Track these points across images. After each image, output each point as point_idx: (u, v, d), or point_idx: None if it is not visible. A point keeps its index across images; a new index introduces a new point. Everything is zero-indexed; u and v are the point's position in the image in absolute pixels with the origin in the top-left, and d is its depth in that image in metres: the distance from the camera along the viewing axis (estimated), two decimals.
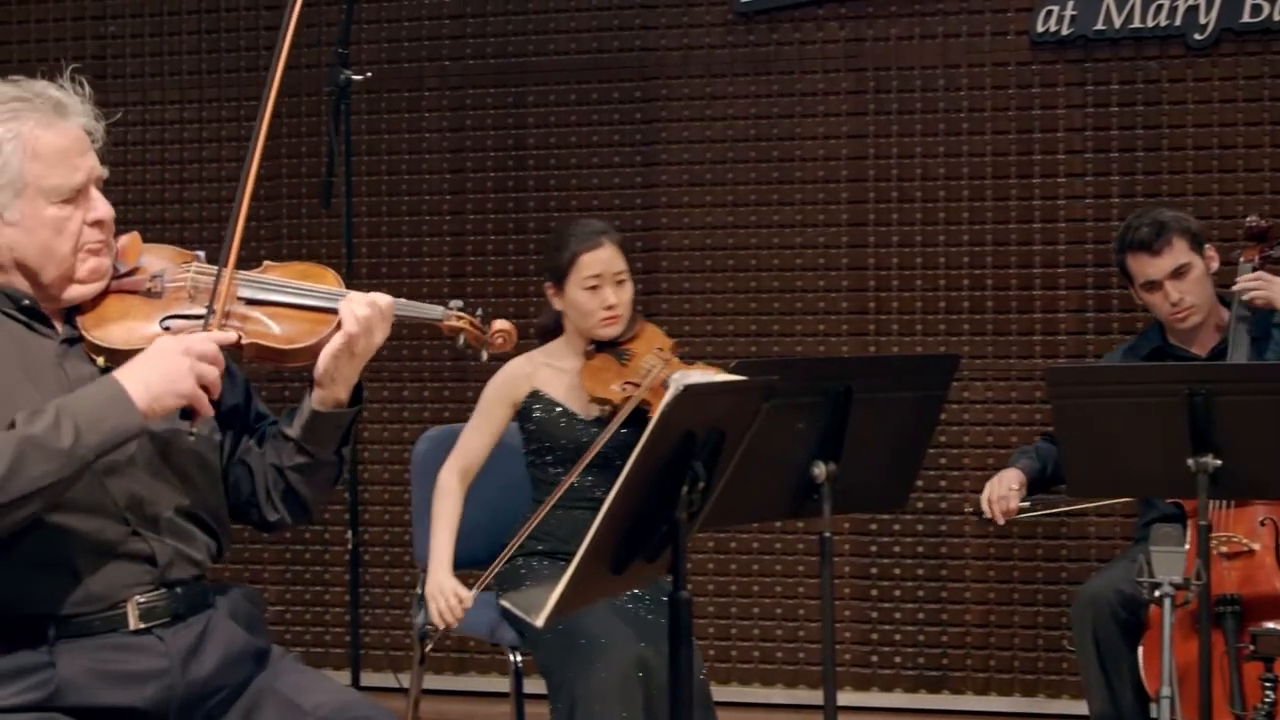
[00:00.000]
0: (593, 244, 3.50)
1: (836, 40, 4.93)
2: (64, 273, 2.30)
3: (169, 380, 2.17)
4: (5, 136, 2.26)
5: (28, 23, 5.53)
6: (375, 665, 5.04)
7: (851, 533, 4.87)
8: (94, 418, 2.13)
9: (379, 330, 2.35)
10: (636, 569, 2.39)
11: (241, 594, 2.45)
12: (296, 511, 2.49)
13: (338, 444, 2.44)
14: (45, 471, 2.10)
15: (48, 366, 2.29)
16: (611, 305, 3.49)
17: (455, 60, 5.21)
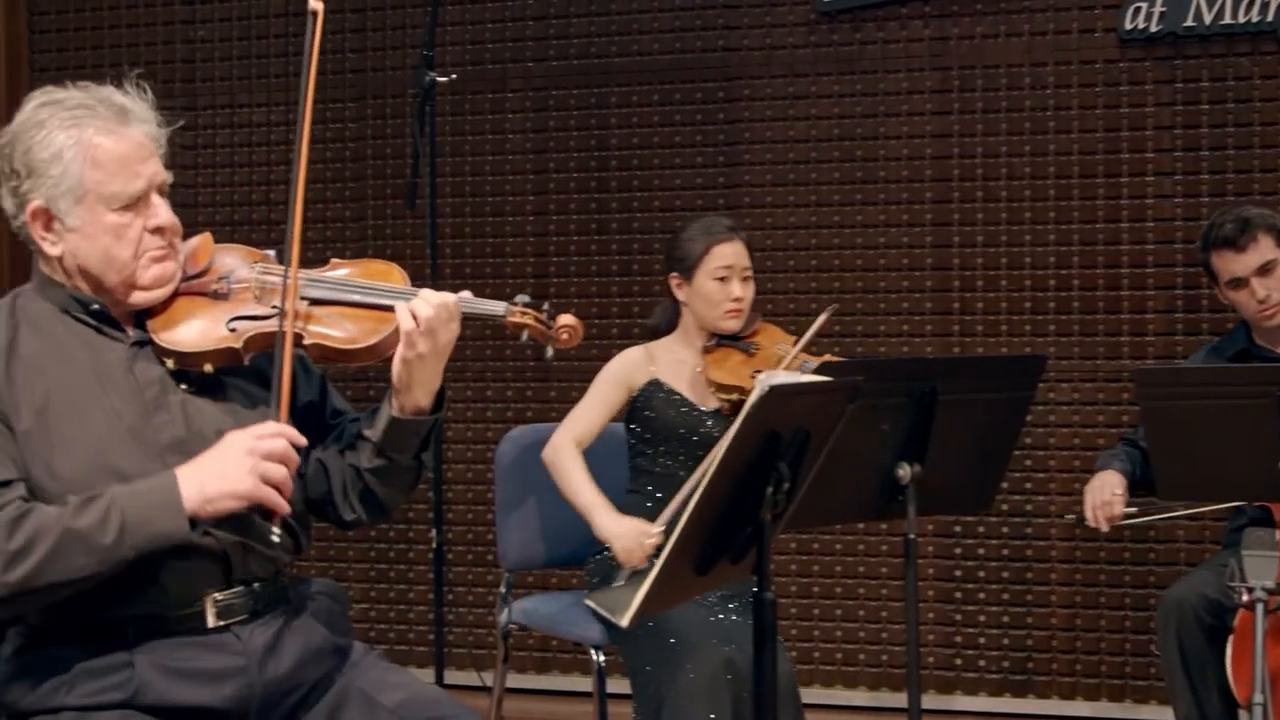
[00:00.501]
0: (725, 237, 3.61)
1: (921, 39, 4.90)
2: (125, 279, 2.31)
3: (226, 481, 2.17)
4: (66, 144, 2.27)
5: (119, 27, 5.61)
6: (459, 663, 5.07)
7: (935, 534, 4.84)
8: (141, 518, 2.14)
9: (444, 330, 2.32)
10: (721, 570, 2.38)
11: (324, 590, 2.45)
12: (374, 511, 2.47)
13: (417, 449, 2.42)
14: (83, 564, 2.13)
15: (118, 370, 2.31)
16: (738, 298, 3.58)
17: (538, 61, 5.23)
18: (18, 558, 2.10)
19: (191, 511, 2.16)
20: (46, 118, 2.29)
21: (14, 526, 2.12)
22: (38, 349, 2.28)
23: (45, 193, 2.27)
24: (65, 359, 2.28)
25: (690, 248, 3.61)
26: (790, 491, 2.33)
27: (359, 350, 2.34)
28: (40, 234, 2.31)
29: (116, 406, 2.27)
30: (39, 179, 2.27)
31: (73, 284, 2.33)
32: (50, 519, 2.13)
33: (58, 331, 2.31)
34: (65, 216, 2.28)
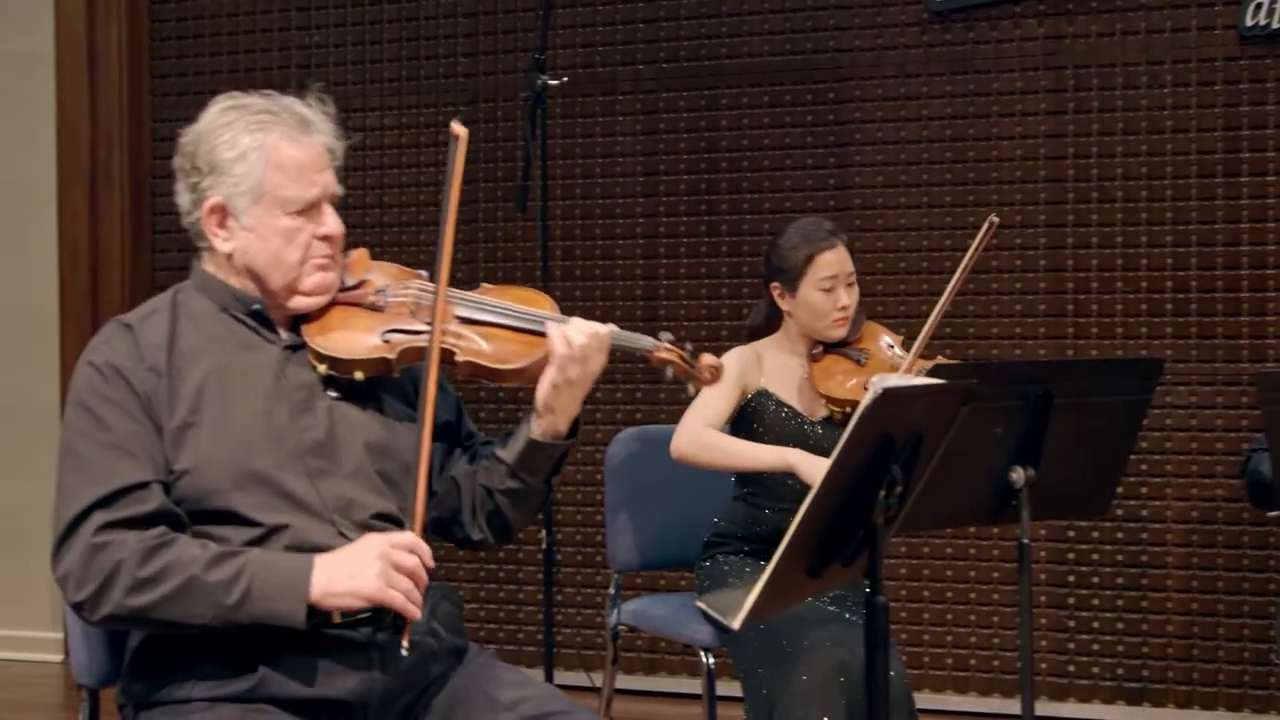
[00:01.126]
0: (828, 244, 3.48)
1: (1035, 38, 4.85)
2: (289, 282, 2.37)
3: (353, 580, 2.19)
4: (251, 146, 2.34)
5: (236, 34, 5.71)
6: (567, 664, 5.09)
7: (1048, 539, 4.78)
8: (265, 593, 2.17)
9: (594, 359, 2.37)
10: (833, 573, 2.38)
11: (442, 594, 2.48)
12: (499, 533, 2.52)
13: (548, 473, 2.47)
14: (199, 614, 2.17)
15: (269, 370, 2.36)
16: (845, 306, 3.48)
17: (649, 64, 5.25)
18: (144, 586, 2.16)
19: (314, 600, 2.18)
20: (233, 120, 2.37)
21: (150, 555, 2.17)
22: (197, 344, 2.34)
23: (225, 190, 2.35)
24: (221, 354, 2.34)
25: (792, 257, 3.47)
26: (903, 495, 2.31)
27: (509, 371, 2.39)
28: (214, 230, 2.38)
29: (265, 406, 2.32)
30: (221, 177, 2.35)
31: (239, 282, 2.40)
32: (183, 560, 2.17)
33: (216, 328, 2.37)
34: (241, 215, 2.35)
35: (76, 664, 2.54)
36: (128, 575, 2.16)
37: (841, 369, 3.49)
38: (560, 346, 2.35)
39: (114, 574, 2.16)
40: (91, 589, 2.18)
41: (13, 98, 5.86)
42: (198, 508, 2.26)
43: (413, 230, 5.36)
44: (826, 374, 3.49)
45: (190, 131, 2.41)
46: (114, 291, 5.73)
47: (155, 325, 2.35)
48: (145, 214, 5.81)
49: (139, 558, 2.16)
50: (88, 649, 2.51)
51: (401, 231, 5.38)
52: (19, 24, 5.84)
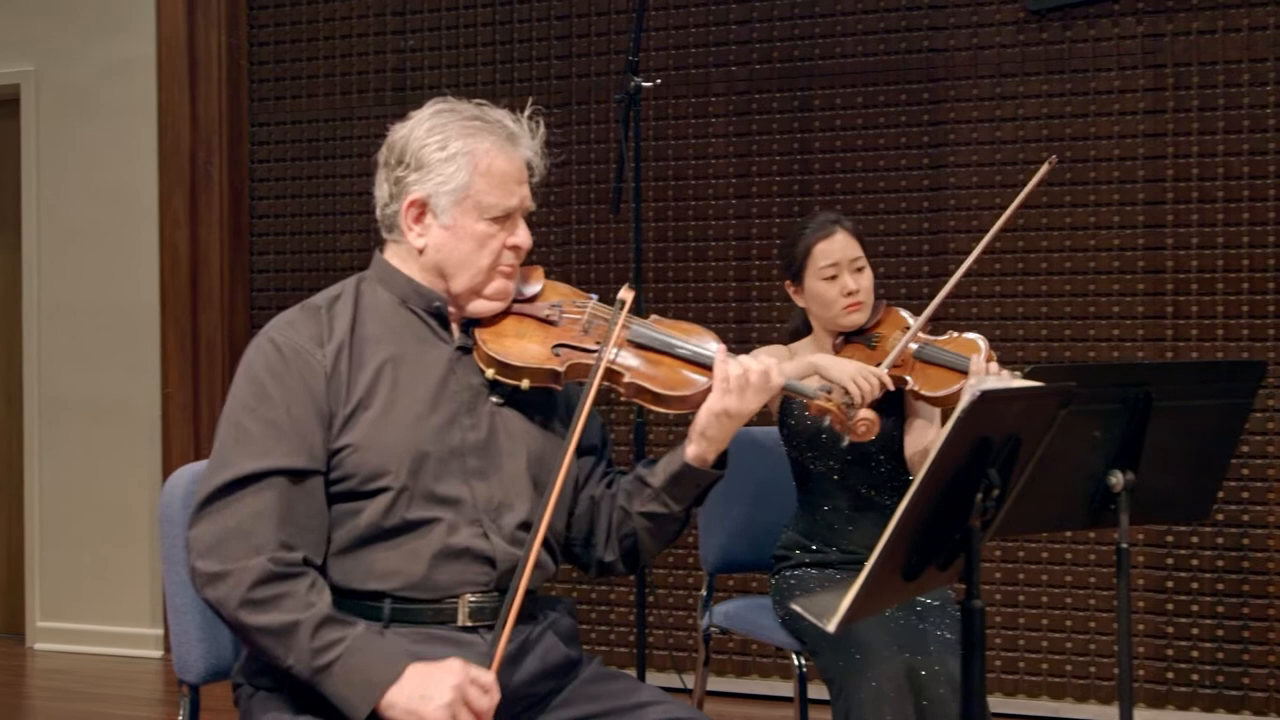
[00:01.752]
0: (825, 233, 3.51)
1: (1134, 36, 4.79)
2: (474, 285, 2.45)
3: (422, 700, 2.19)
4: (461, 150, 2.42)
5: (333, 39, 5.78)
6: (659, 665, 5.10)
7: (1146, 544, 4.72)
8: (345, 678, 2.20)
9: (753, 397, 2.41)
10: (928, 576, 2.36)
11: (563, 609, 2.52)
12: (630, 559, 2.56)
13: (691, 502, 2.51)
14: (280, 656, 2.21)
15: (439, 368, 2.43)
16: (852, 292, 3.48)
17: (742, 65, 5.24)
18: (252, 606, 2.21)
19: (379, 707, 2.20)
20: (446, 122, 2.46)
21: (271, 580, 2.22)
22: (377, 331, 2.42)
23: (429, 188, 2.43)
24: (398, 344, 2.41)
25: (792, 251, 3.54)
26: (1000, 498, 2.29)
27: (672, 398, 2.46)
28: (410, 224, 2.45)
29: (433, 400, 2.38)
30: (427, 174, 2.43)
31: (422, 277, 2.46)
32: (294, 603, 2.21)
33: (395, 320, 2.44)
34: (441, 214, 2.43)
35: (178, 660, 2.57)
36: (242, 587, 2.20)
37: (856, 356, 3.49)
38: (721, 371, 2.41)
39: (236, 579, 2.21)
40: (211, 570, 2.23)
41: (116, 103, 5.97)
42: (357, 486, 2.31)
43: None
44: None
45: (401, 127, 2.50)
46: (213, 294, 5.82)
47: (342, 310, 2.43)
48: (244, 217, 5.90)
49: (262, 576, 2.21)
50: (190, 645, 2.55)
51: None
52: (122, 31, 5.95)
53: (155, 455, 5.87)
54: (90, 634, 6.01)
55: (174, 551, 2.54)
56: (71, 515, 6.05)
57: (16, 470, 6.25)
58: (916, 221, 4.99)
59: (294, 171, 5.83)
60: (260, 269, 5.89)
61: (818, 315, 3.55)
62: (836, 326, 3.53)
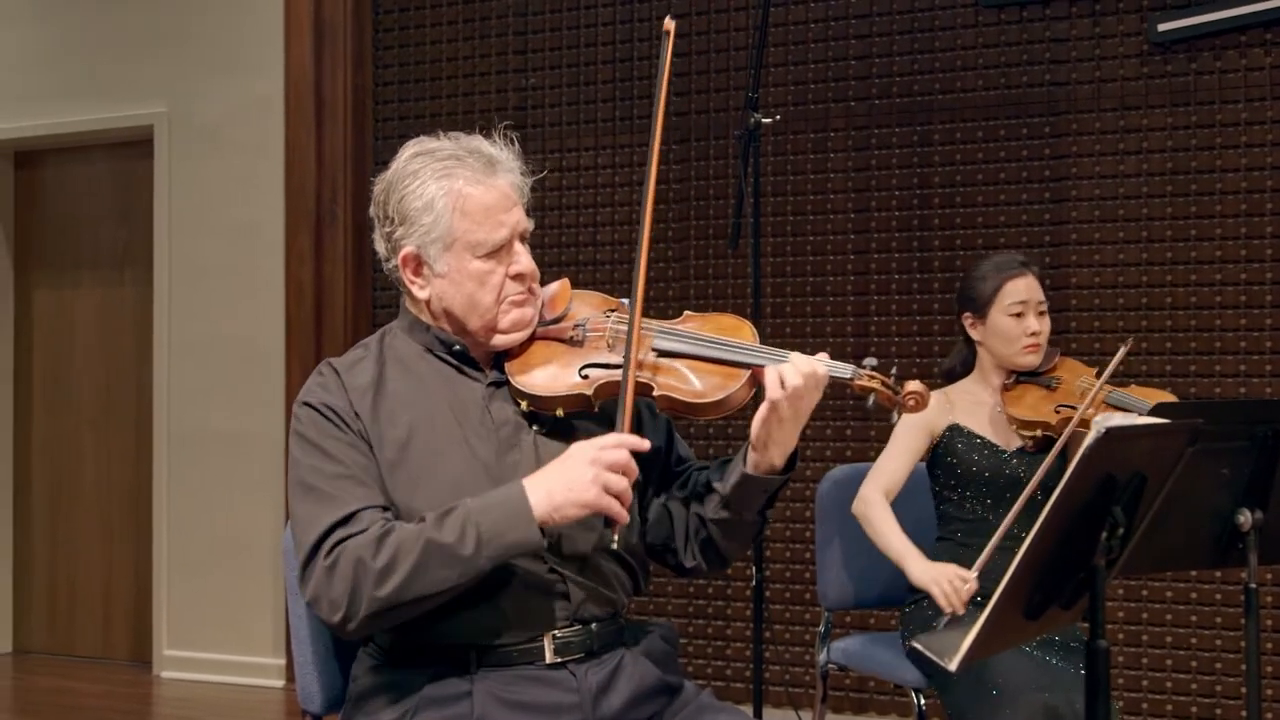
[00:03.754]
0: (1017, 272, 3.57)
1: (1261, 68, 4.71)
2: (487, 323, 2.41)
3: (571, 490, 2.22)
4: (438, 194, 2.38)
5: (456, 78, 5.87)
6: (776, 701, 5.08)
7: (1275, 584, 4.62)
8: (497, 529, 2.22)
9: (809, 397, 2.32)
10: (1052, 615, 2.33)
11: (659, 633, 2.50)
12: (714, 561, 2.51)
13: (762, 506, 2.45)
14: (445, 577, 2.21)
15: (474, 407, 2.41)
16: (1035, 332, 3.55)
17: (861, 100, 5.24)
18: (386, 573, 2.20)
19: (540, 520, 2.23)
20: (420, 168, 2.41)
21: (379, 544, 2.22)
22: (404, 386, 2.40)
23: (417, 240, 2.40)
24: (428, 396, 2.40)
25: (981, 286, 3.58)
26: (1125, 537, 2.26)
27: (706, 405, 2.37)
28: (410, 278, 2.44)
29: (473, 443, 2.37)
30: (411, 226, 2.40)
31: (438, 325, 2.45)
32: (411, 534, 2.22)
33: (421, 369, 2.43)
34: (434, 263, 2.40)
35: (302, 690, 2.61)
36: (369, 573, 2.20)
37: (1032, 395, 3.55)
38: (774, 390, 2.30)
39: (358, 577, 2.21)
40: (344, 600, 2.22)
41: (244, 143, 6.11)
42: None
43: (625, 267, 5.42)
44: (1017, 400, 3.55)
45: (381, 180, 2.47)
46: (336, 328, 5.91)
47: (363, 370, 2.42)
48: (367, 254, 5.99)
49: (371, 551, 2.21)
50: (312, 675, 2.58)
51: (614, 269, 5.45)
52: (251, 70, 6.09)
53: (280, 488, 5.96)
54: (215, 663, 6.12)
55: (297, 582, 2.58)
56: (198, 546, 6.17)
57: (145, 502, 6.39)
58: (1038, 256, 4.94)
59: None
60: (383, 305, 5.97)
61: (995, 351, 3.59)
62: (1011, 365, 3.58)
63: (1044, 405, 3.51)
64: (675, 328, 2.43)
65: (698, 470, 2.55)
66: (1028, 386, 3.57)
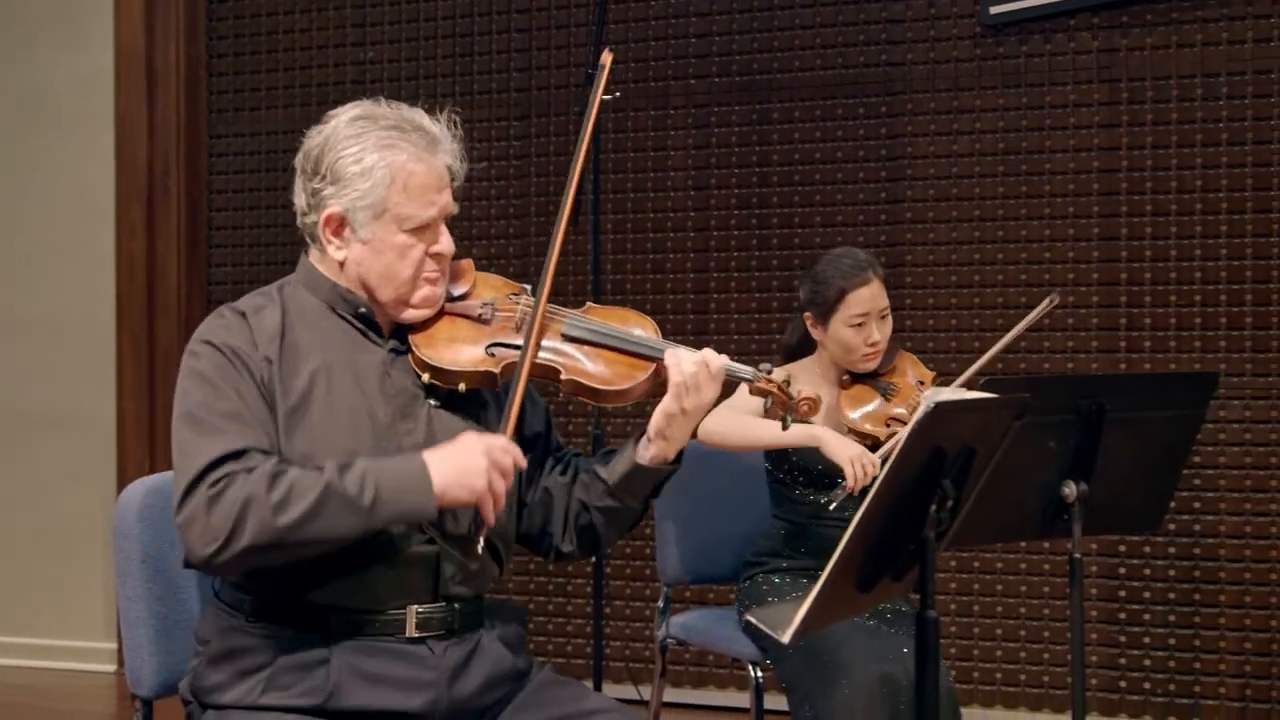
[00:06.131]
0: (860, 280, 3.49)
1: (1089, 51, 4.83)
2: (400, 296, 2.42)
3: (464, 474, 2.25)
4: (378, 163, 2.38)
5: (293, 50, 5.77)
6: (616, 677, 5.10)
7: (1099, 554, 4.76)
8: (396, 491, 2.23)
9: (707, 389, 2.40)
10: (883, 587, 2.37)
11: (512, 616, 2.51)
12: (589, 547, 2.56)
13: (647, 496, 2.50)
14: (338, 525, 2.20)
15: (374, 372, 2.41)
16: (875, 342, 3.50)
17: (701, 79, 5.26)
18: (280, 507, 2.17)
19: (437, 494, 2.25)
20: (362, 132, 2.41)
21: (274, 481, 2.19)
22: (307, 338, 2.39)
23: (346, 202, 2.40)
24: (330, 351, 2.39)
25: (825, 292, 3.50)
26: (954, 509, 2.31)
27: (611, 392, 2.43)
28: (329, 237, 2.43)
29: (369, 406, 2.37)
30: (344, 188, 2.39)
31: (346, 282, 2.44)
32: (308, 477, 2.21)
33: (324, 325, 2.42)
34: (359, 228, 2.40)
35: (131, 674, 2.56)
36: (261, 503, 2.17)
37: (868, 398, 3.53)
38: (676, 375, 2.38)
39: (246, 506, 2.17)
40: (224, 532, 2.17)
41: (73, 113, 5.94)
42: None
43: (465, 243, 5.37)
44: (853, 403, 3.53)
45: (317, 134, 2.45)
46: (170, 304, 5.79)
47: (269, 316, 2.40)
48: (201, 228, 5.88)
49: (265, 485, 2.19)
50: (143, 659, 2.54)
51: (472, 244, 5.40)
52: (80, 41, 5.92)
53: (110, 468, 5.83)
54: (44, 648, 5.97)
55: (128, 564, 2.53)
56: (25, 528, 6.00)
57: None
58: (874, 234, 5.02)
59: (253, 183, 5.81)
60: (218, 280, 5.87)
61: (833, 354, 3.56)
62: (850, 368, 3.55)
63: (877, 415, 3.50)
64: (585, 317, 2.49)
65: (576, 457, 2.59)
66: (865, 389, 3.55)
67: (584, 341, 2.45)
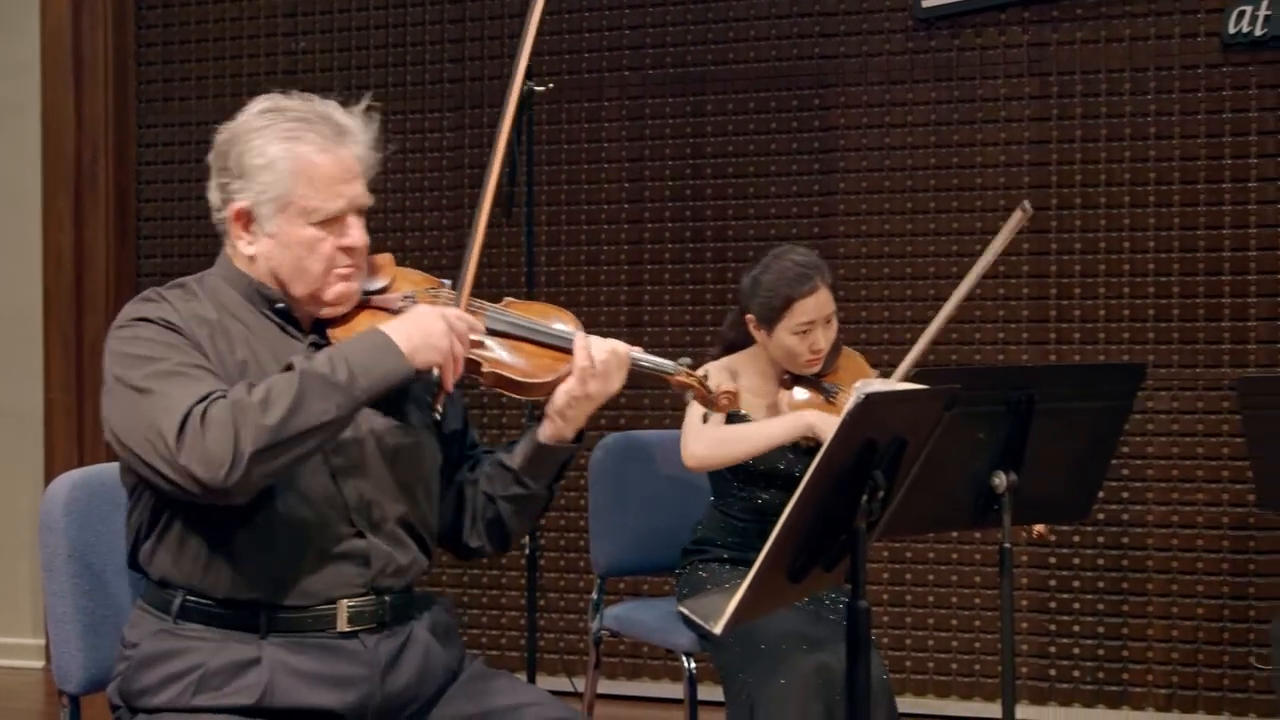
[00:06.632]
0: (808, 289, 3.39)
1: (1020, 45, 4.87)
2: (313, 291, 2.39)
3: (428, 335, 2.26)
4: (280, 155, 2.34)
5: (223, 40, 5.72)
6: (550, 669, 5.10)
7: (1030, 544, 4.80)
8: (367, 362, 2.21)
9: (615, 376, 2.41)
10: (815, 578, 2.39)
11: (441, 607, 2.50)
12: (498, 541, 2.55)
13: (551, 478, 2.50)
14: (325, 408, 2.17)
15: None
16: (819, 349, 3.43)
17: (634, 70, 5.26)
18: (265, 406, 2.14)
19: (406, 354, 2.24)
20: (266, 125, 2.37)
21: (251, 387, 2.17)
22: (232, 326, 2.36)
23: (251, 196, 2.36)
24: (255, 340, 2.36)
25: (770, 299, 3.39)
26: (885, 499, 2.32)
27: (533, 385, 2.42)
28: (239, 233, 2.39)
29: None
30: (249, 182, 2.36)
31: (262, 277, 2.41)
32: (284, 375, 2.19)
33: (245, 316, 2.39)
34: (265, 222, 2.36)
35: (58, 670, 2.52)
36: (248, 407, 2.13)
37: (811, 402, 3.46)
38: (582, 359, 2.38)
39: (236, 416, 2.12)
40: (227, 449, 2.11)
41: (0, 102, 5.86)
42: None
43: (398, 235, 5.36)
44: (796, 404, 3.46)
45: (226, 129, 2.42)
46: (98, 296, 5.73)
47: (195, 304, 2.37)
48: (130, 219, 5.81)
49: (245, 389, 2.16)
50: (70, 655, 2.51)
51: (387, 237, 5.37)
52: (6, 29, 5.84)
53: (37, 461, 5.76)
54: None
55: (54, 560, 2.50)
56: None
57: None
58: (806, 226, 5.04)
59: (182, 174, 5.75)
60: (147, 272, 5.80)
61: (773, 356, 3.47)
62: (792, 370, 3.47)
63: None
64: (505, 311, 2.48)
65: (485, 452, 2.59)
66: (809, 389, 3.47)
67: (505, 335, 2.44)
